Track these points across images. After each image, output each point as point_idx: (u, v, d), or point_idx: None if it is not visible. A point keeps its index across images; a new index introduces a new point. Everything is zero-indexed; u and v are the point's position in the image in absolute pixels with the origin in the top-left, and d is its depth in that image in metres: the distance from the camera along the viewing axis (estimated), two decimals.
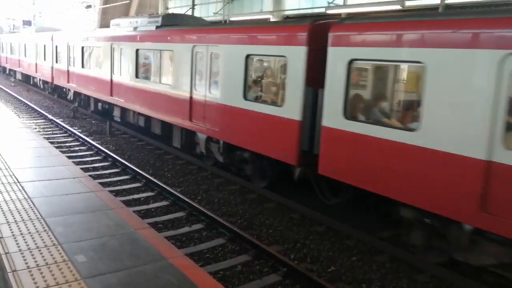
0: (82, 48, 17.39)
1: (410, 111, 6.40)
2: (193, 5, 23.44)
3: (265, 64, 9.19)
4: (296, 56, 7.58)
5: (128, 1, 30.32)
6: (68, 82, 19.27)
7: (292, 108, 7.74)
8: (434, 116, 5.62)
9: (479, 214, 5.16)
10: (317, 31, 7.43)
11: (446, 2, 12.34)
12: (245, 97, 8.85)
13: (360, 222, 7.70)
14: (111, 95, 14.87)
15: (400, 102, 6.80)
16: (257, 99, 8.88)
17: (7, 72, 34.81)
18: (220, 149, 10.00)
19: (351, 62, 6.68)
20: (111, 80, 14.78)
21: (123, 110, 14.89)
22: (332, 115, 6.97)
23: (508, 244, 5.25)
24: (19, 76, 30.63)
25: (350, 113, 6.80)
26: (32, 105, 19.94)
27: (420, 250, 6.47)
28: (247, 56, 8.74)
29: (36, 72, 24.47)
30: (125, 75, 13.87)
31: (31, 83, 27.42)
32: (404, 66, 6.55)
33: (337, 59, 6.88)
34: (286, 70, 7.89)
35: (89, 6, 36.68)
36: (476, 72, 5.23)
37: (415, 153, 5.82)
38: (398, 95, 6.84)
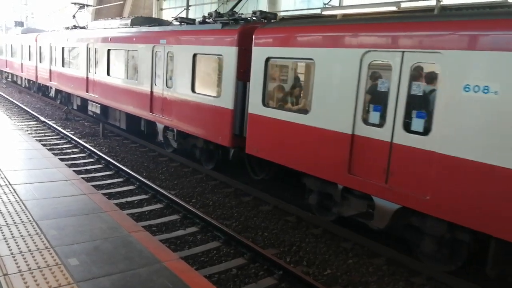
0: (11, 45, 28.00)
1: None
2: (188, 5, 23.40)
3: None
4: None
5: (122, 2, 30.21)
6: (6, 67, 30.66)
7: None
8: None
9: None
10: None
11: (441, 3, 12.44)
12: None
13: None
14: (22, 71, 25.19)
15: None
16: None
17: None
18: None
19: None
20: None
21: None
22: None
23: (363, 197, 6.76)
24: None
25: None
26: (24, 107, 19.75)
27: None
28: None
29: None
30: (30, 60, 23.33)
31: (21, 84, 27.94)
32: None
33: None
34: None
35: (82, 7, 36.41)
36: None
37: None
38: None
